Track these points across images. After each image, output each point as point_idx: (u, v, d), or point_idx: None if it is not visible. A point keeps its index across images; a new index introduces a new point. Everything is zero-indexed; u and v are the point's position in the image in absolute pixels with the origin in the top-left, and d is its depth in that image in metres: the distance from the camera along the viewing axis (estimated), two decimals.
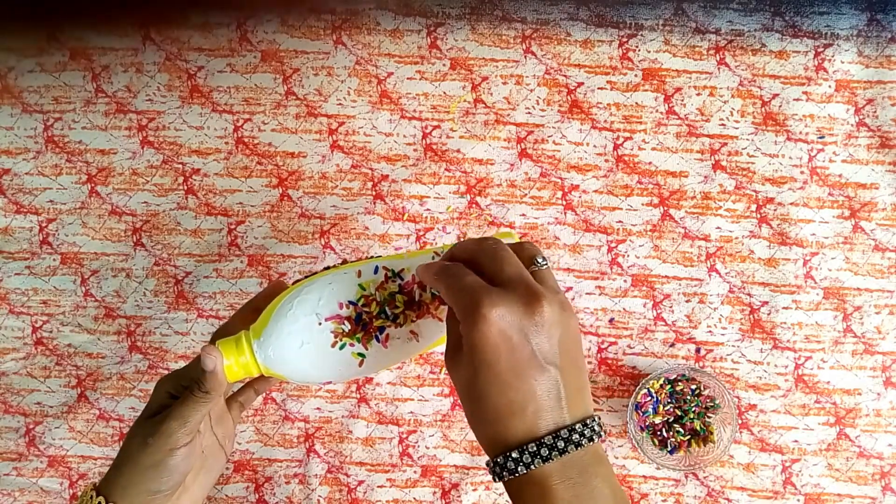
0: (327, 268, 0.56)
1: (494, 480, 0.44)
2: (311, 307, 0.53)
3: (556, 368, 0.43)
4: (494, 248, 0.46)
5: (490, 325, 0.42)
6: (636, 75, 0.77)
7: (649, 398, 0.74)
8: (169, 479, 0.50)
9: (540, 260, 0.47)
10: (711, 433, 0.73)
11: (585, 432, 0.43)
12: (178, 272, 0.77)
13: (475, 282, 0.44)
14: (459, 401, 0.46)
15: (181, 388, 0.53)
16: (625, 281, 0.76)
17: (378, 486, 0.75)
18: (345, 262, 0.58)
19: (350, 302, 0.53)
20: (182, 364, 0.75)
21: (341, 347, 0.53)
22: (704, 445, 0.73)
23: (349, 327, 0.53)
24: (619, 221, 0.76)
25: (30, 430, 0.76)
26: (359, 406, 0.76)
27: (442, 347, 0.50)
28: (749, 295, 0.75)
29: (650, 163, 0.76)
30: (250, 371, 0.53)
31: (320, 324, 0.53)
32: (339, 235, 0.76)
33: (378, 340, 0.53)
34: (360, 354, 0.53)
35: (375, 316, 0.52)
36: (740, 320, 0.75)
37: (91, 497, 0.50)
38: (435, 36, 0.77)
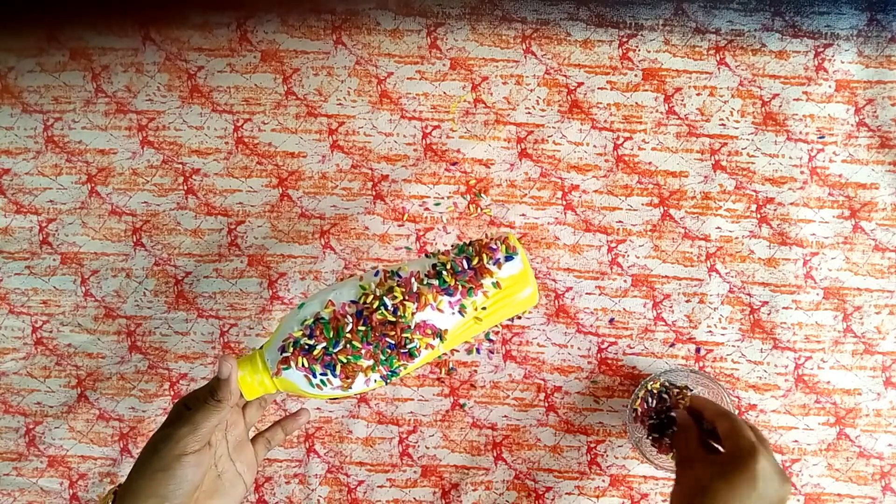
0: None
1: None
2: (314, 311, 0.54)
3: None
4: (752, 427, 0.62)
5: (763, 465, 0.57)
6: (636, 75, 0.77)
7: (648, 399, 0.74)
8: (176, 486, 0.51)
9: None
10: None
11: None
12: (178, 272, 0.77)
13: (751, 435, 0.60)
14: None
15: (196, 402, 0.54)
16: (625, 281, 0.76)
17: (378, 486, 0.75)
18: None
19: (352, 301, 0.54)
20: (182, 364, 0.76)
21: None
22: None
23: (351, 324, 0.53)
24: (619, 221, 0.76)
25: (30, 430, 0.76)
26: (359, 406, 0.76)
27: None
28: (749, 295, 0.75)
29: (650, 163, 0.76)
30: (264, 385, 0.54)
31: None
32: (339, 235, 0.76)
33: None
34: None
35: (375, 309, 0.53)
36: (740, 320, 0.75)
37: (109, 496, 0.52)
38: (435, 36, 0.77)
